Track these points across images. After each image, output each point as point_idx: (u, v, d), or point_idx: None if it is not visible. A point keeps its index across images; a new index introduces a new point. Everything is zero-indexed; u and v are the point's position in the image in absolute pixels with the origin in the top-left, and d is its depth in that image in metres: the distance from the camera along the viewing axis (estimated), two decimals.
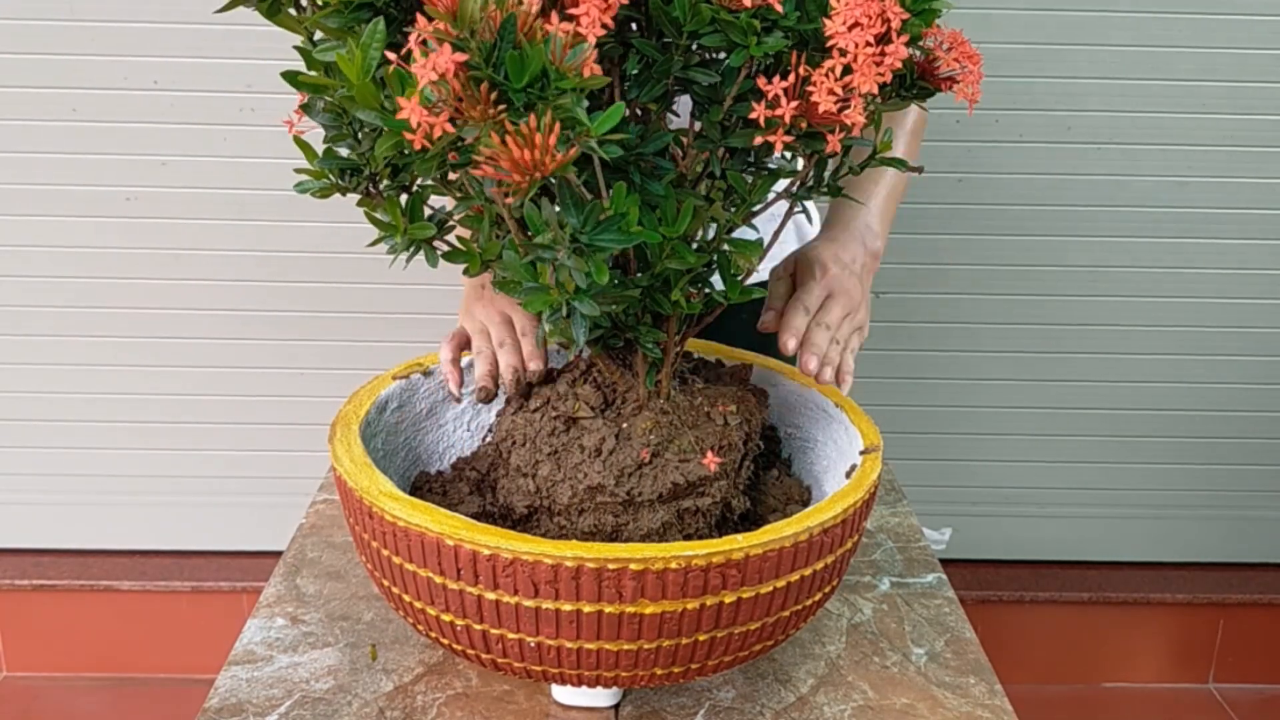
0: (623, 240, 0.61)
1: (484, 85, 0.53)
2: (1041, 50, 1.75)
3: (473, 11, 0.52)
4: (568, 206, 0.61)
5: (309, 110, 0.67)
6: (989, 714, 0.82)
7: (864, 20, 0.61)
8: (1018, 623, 2.01)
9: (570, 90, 0.54)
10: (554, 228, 0.60)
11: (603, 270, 0.60)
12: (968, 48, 0.69)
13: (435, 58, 0.51)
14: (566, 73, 0.54)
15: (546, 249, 0.61)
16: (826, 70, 0.62)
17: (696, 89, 0.69)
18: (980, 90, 0.68)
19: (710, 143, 0.70)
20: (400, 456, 0.89)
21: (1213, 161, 1.82)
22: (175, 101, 1.74)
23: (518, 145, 0.53)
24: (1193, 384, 1.95)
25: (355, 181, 0.70)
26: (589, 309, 0.63)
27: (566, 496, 0.76)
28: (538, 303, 0.64)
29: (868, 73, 0.61)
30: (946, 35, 0.69)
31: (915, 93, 0.71)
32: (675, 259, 0.68)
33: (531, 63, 0.53)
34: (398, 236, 0.70)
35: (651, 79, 0.68)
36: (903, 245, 1.85)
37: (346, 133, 0.67)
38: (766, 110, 0.63)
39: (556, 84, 0.54)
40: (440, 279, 1.83)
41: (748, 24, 0.62)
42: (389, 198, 0.70)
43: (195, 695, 1.91)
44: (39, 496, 1.96)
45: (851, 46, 0.61)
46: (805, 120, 0.64)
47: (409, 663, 0.86)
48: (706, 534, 0.79)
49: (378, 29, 0.57)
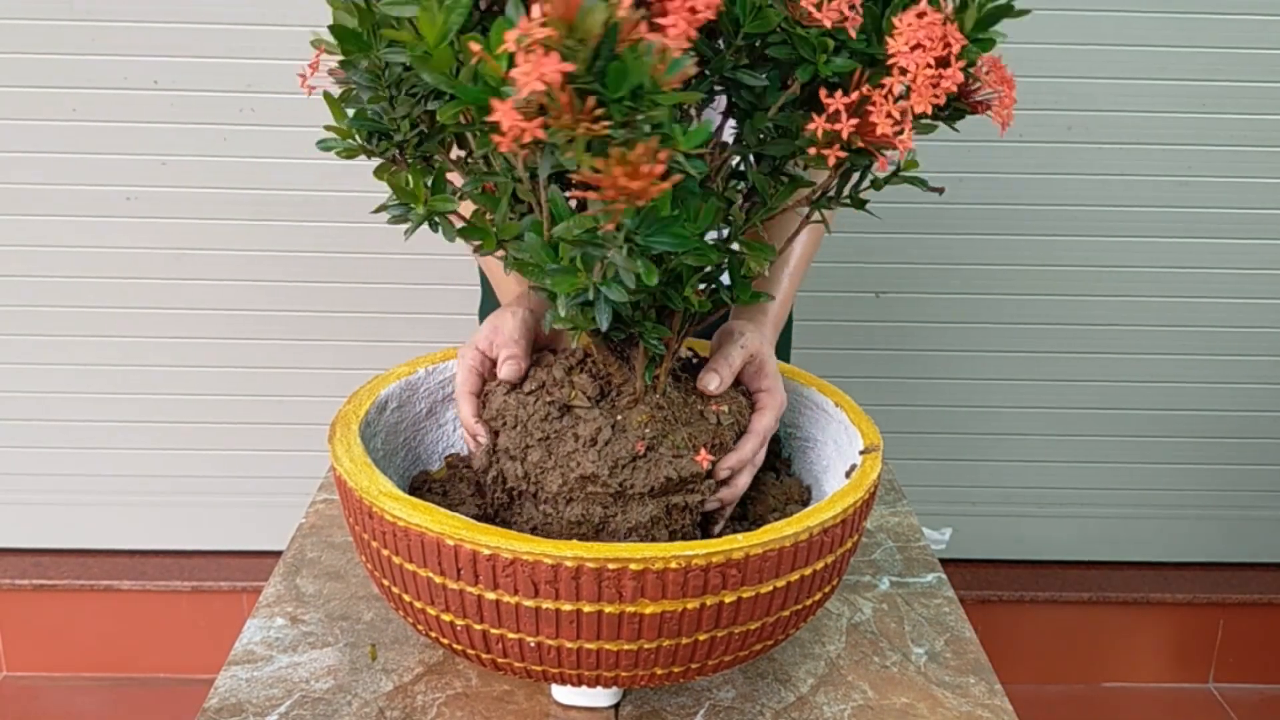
0: (676, 245, 0.60)
1: (590, 100, 0.51)
2: (1041, 50, 1.75)
3: (593, 25, 0.50)
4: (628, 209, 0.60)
5: (349, 66, 0.65)
6: (989, 714, 0.82)
7: (926, 42, 0.62)
8: (1018, 623, 2.01)
9: (667, 105, 0.53)
10: (604, 226, 0.59)
11: (652, 272, 0.60)
12: (1004, 72, 0.69)
13: (542, 64, 0.49)
14: (664, 86, 0.53)
15: (597, 245, 0.61)
16: (886, 91, 0.62)
17: (743, 92, 0.68)
18: (1014, 114, 0.69)
19: (746, 148, 0.69)
20: (400, 456, 0.89)
21: (1214, 161, 1.82)
22: (175, 101, 1.74)
23: (624, 173, 0.52)
24: (1193, 384, 1.95)
25: (384, 146, 0.69)
26: (617, 295, 0.63)
27: (556, 484, 0.76)
28: (564, 285, 0.63)
29: (924, 94, 0.62)
30: (985, 59, 0.70)
31: (949, 114, 0.71)
32: (694, 256, 0.68)
33: (633, 74, 0.52)
34: (418, 206, 0.69)
35: (702, 76, 0.67)
36: (903, 245, 1.85)
37: (383, 95, 0.66)
38: (826, 124, 0.63)
39: (651, 96, 0.52)
40: (440, 279, 1.84)
41: (819, 42, 0.62)
42: (414, 166, 0.69)
43: (195, 695, 1.91)
44: (39, 496, 1.96)
45: (913, 67, 0.61)
46: (860, 138, 0.64)
47: (409, 663, 0.86)
48: (690, 531, 0.79)
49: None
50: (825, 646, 0.90)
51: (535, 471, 0.76)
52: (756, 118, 0.68)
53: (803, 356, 1.87)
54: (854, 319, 1.91)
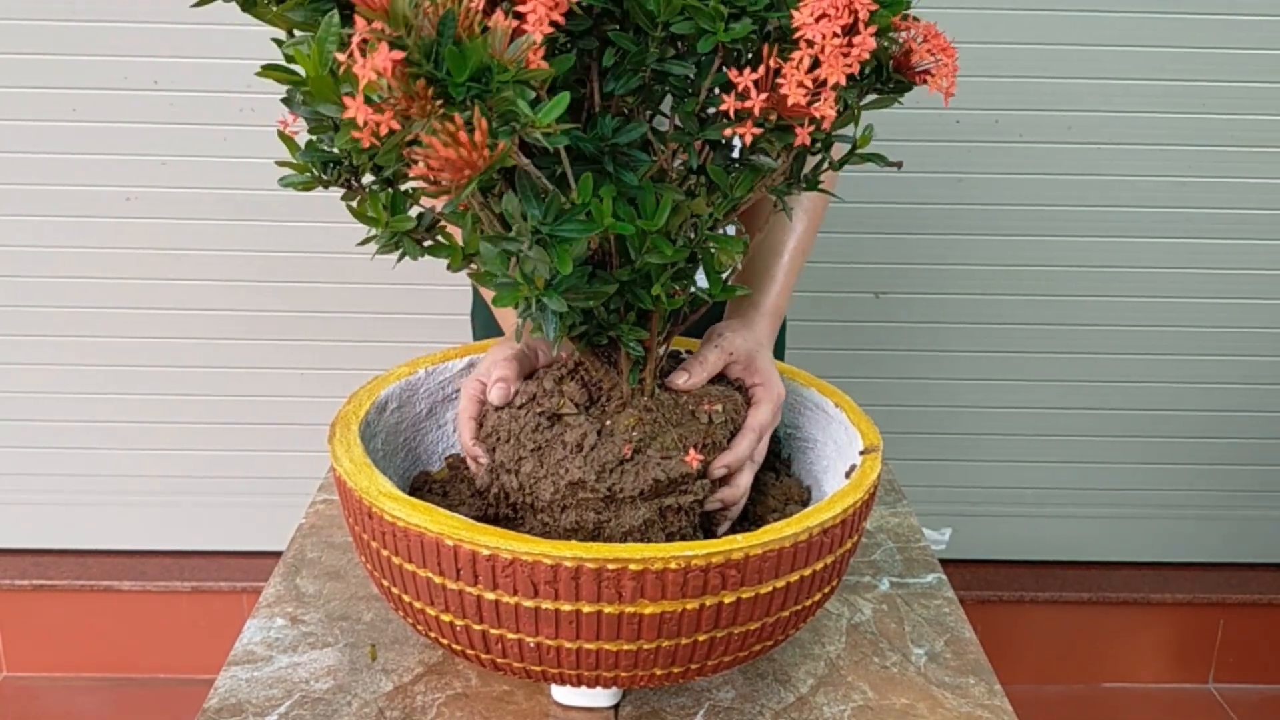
0: (585, 230, 0.61)
1: (420, 81, 0.53)
2: (1041, 50, 1.75)
3: (403, 9, 0.52)
4: (529, 199, 0.61)
5: (289, 103, 0.67)
6: (989, 714, 0.82)
7: (831, 11, 0.61)
8: (1018, 623, 2.01)
9: (512, 83, 0.54)
10: (517, 219, 0.61)
11: (565, 260, 0.60)
12: (942, 40, 0.69)
13: (374, 57, 0.51)
14: (508, 65, 0.54)
15: (511, 240, 0.62)
16: (796, 62, 0.62)
17: (672, 81, 0.69)
18: (955, 83, 0.68)
19: (687, 135, 0.70)
20: (400, 456, 0.89)
21: (1213, 161, 1.82)
22: (175, 101, 1.74)
23: (442, 145, 0.53)
24: (1193, 384, 1.96)
25: (336, 174, 0.70)
26: (557, 305, 0.64)
27: (549, 493, 0.76)
28: (509, 297, 0.64)
29: (835, 64, 0.61)
30: (921, 28, 0.69)
31: (892, 87, 0.71)
32: (654, 253, 0.68)
33: (471, 57, 0.53)
34: (379, 229, 0.70)
35: (627, 71, 0.68)
36: (903, 245, 1.85)
37: (327, 125, 0.67)
38: (736, 102, 0.63)
39: (499, 78, 0.54)
40: (440, 279, 1.84)
41: (715, 10, 0.63)
42: (370, 192, 0.71)
43: (195, 695, 1.91)
44: (39, 496, 1.96)
45: (819, 38, 0.61)
46: (776, 113, 0.64)
47: (409, 663, 0.86)
48: (689, 533, 0.79)
49: (332, 22, 0.57)
50: (825, 647, 0.90)
51: (529, 482, 0.77)
52: (688, 102, 0.69)
53: (802, 356, 1.88)
54: (854, 319, 1.91)
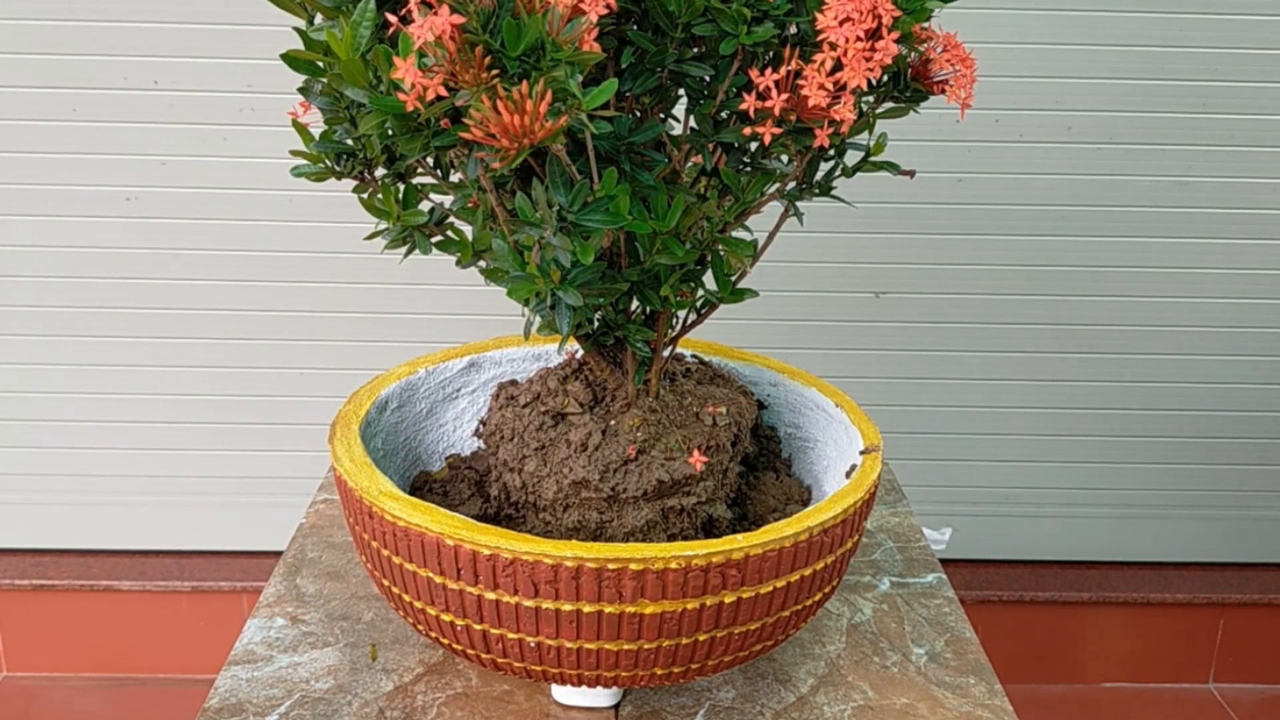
0: (609, 221, 0.61)
1: (479, 50, 0.54)
2: (1041, 50, 1.75)
3: None
4: (557, 185, 0.61)
5: (306, 92, 0.67)
6: (989, 714, 0.82)
7: (855, 15, 0.62)
8: (1018, 623, 2.01)
9: (564, 62, 0.55)
10: (542, 206, 0.61)
11: (588, 250, 0.60)
12: (961, 51, 0.69)
13: (433, 18, 0.53)
14: (562, 45, 0.55)
15: (533, 226, 0.62)
16: (818, 65, 0.62)
17: (690, 82, 0.69)
18: (973, 94, 0.68)
19: (703, 137, 0.70)
20: (400, 456, 0.89)
21: (1214, 161, 1.82)
22: (175, 101, 1.74)
23: (508, 110, 0.54)
24: (1193, 384, 1.95)
25: (350, 165, 0.70)
26: (574, 299, 0.64)
27: (551, 492, 0.76)
28: (523, 290, 0.64)
29: (857, 68, 0.62)
30: (941, 38, 0.69)
31: (910, 95, 0.71)
32: (665, 254, 0.68)
33: (528, 32, 0.54)
34: (391, 223, 0.70)
35: (645, 70, 0.68)
36: (903, 245, 1.85)
37: (343, 116, 0.67)
38: (757, 102, 0.63)
39: (552, 55, 0.55)
40: (440, 280, 1.84)
41: (738, 13, 0.63)
42: (384, 184, 0.71)
43: (195, 695, 1.91)
44: (39, 496, 1.96)
45: (842, 41, 0.61)
46: (795, 114, 0.64)
47: (409, 663, 0.86)
48: (691, 535, 0.79)
49: (368, 7, 0.58)
50: (825, 647, 0.90)
51: (532, 481, 0.77)
52: (705, 104, 0.69)
53: (803, 356, 1.88)
54: (854, 319, 1.91)
